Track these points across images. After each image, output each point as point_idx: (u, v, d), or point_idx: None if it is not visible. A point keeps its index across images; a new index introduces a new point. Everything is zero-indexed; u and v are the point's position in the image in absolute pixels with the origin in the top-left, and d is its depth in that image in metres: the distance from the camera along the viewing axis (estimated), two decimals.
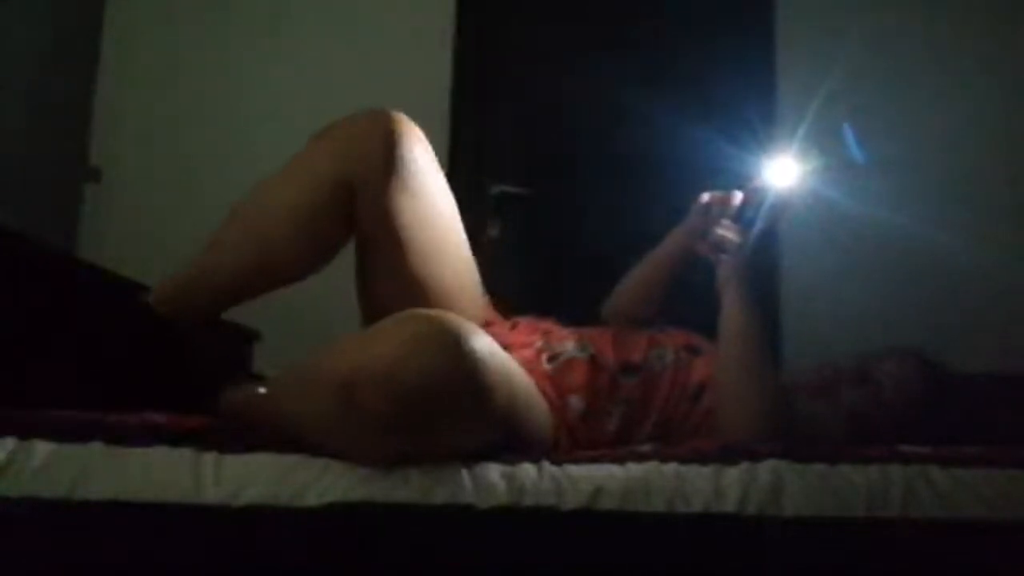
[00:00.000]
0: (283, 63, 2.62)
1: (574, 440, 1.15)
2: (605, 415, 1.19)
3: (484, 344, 0.91)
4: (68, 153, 2.51)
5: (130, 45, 2.62)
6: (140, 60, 2.62)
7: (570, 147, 2.61)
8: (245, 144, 2.57)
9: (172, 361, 1.21)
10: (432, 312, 0.95)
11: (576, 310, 1.47)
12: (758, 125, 2.22)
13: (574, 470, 0.94)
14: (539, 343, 1.25)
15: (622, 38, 2.63)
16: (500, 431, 0.97)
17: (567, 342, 1.25)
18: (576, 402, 1.18)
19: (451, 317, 0.92)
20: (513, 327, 1.31)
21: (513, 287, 2.51)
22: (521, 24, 2.70)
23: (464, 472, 0.91)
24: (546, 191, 2.56)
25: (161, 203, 2.53)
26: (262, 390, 0.99)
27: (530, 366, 1.17)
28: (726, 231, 1.24)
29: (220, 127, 2.59)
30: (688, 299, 1.33)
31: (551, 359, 1.22)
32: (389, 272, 1.18)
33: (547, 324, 1.32)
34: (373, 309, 1.22)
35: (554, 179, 2.59)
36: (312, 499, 0.88)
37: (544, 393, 1.15)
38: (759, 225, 1.23)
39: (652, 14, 2.64)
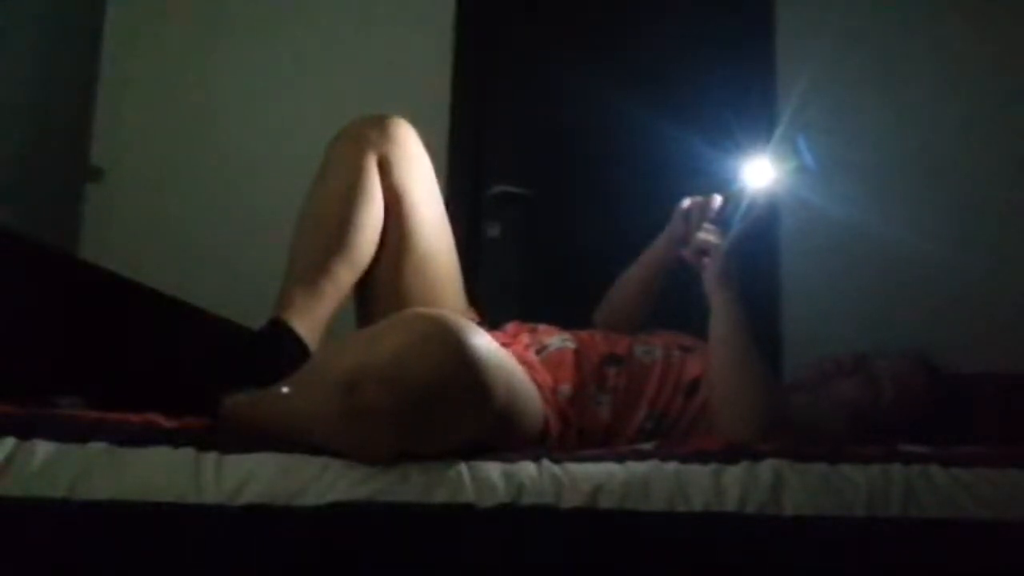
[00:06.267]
0: (284, 63, 2.62)
1: (565, 422, 1.18)
2: (594, 402, 1.23)
3: (484, 342, 0.92)
4: (69, 153, 2.52)
5: (131, 45, 2.62)
6: (141, 60, 2.62)
7: (569, 147, 2.61)
8: (246, 144, 2.57)
9: (173, 361, 1.21)
10: (434, 311, 0.96)
11: (575, 310, 1.48)
12: (757, 128, 2.22)
13: (574, 468, 0.94)
14: (527, 339, 1.31)
15: (622, 38, 2.63)
16: (498, 425, 0.99)
17: (553, 337, 1.31)
18: (564, 388, 1.21)
19: (452, 316, 0.93)
20: (503, 331, 1.35)
21: (512, 287, 2.52)
22: (521, 25, 2.70)
23: (464, 471, 0.91)
24: (546, 191, 2.56)
25: (163, 203, 2.53)
26: (285, 389, 0.99)
27: (520, 358, 1.21)
28: (707, 235, 1.25)
29: (221, 127, 2.59)
30: (685, 304, 1.34)
31: (539, 351, 1.27)
32: (394, 256, 1.28)
33: (532, 325, 1.38)
34: (369, 302, 1.31)
35: (554, 179, 2.59)
36: (312, 499, 0.88)
37: (534, 380, 1.18)
38: (737, 227, 1.24)
39: (652, 15, 2.64)
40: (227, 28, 2.65)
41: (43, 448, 0.87)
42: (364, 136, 1.26)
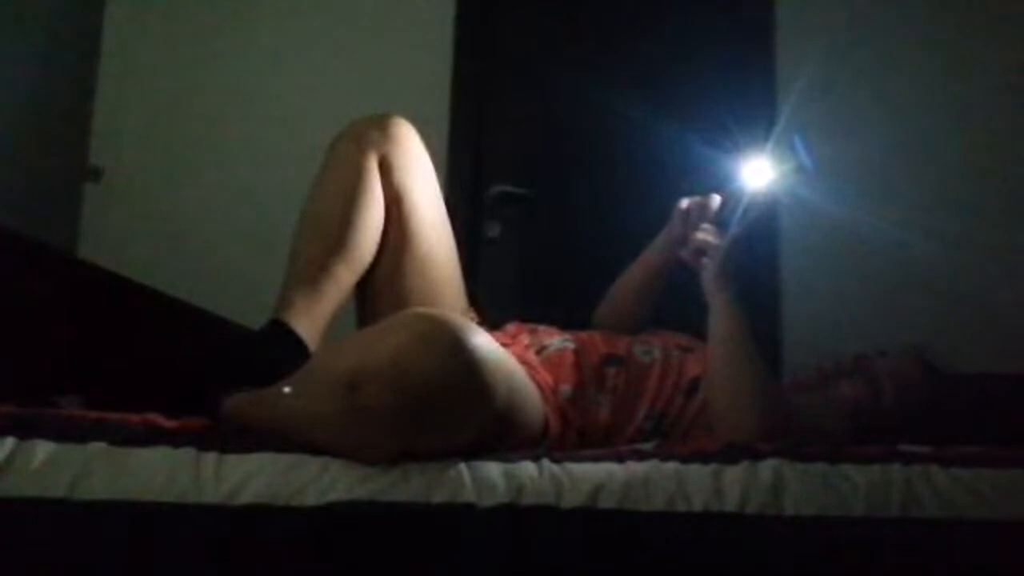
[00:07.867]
0: (283, 63, 2.62)
1: (565, 422, 1.18)
2: (594, 403, 1.22)
3: (484, 342, 0.92)
4: (68, 153, 2.52)
5: (131, 45, 2.62)
6: (140, 60, 2.62)
7: (569, 148, 2.61)
8: (245, 144, 2.57)
9: (174, 361, 1.21)
10: (435, 311, 0.96)
11: (575, 310, 1.48)
12: (756, 128, 2.22)
13: (574, 468, 0.94)
14: (527, 340, 1.31)
15: (622, 38, 2.63)
16: (499, 425, 0.99)
17: (554, 337, 1.31)
18: (565, 388, 1.21)
19: (453, 316, 0.93)
20: (503, 332, 1.36)
21: (512, 287, 2.52)
22: (520, 24, 2.70)
23: (464, 471, 0.91)
24: (546, 191, 2.56)
25: (161, 203, 2.54)
26: (286, 389, 0.99)
27: (520, 359, 1.21)
28: (706, 235, 1.25)
29: (220, 127, 2.59)
30: (685, 304, 1.34)
31: (539, 352, 1.27)
32: (394, 256, 1.28)
33: (532, 326, 1.38)
34: (369, 302, 1.31)
35: (554, 179, 2.59)
36: (312, 499, 0.88)
37: (535, 380, 1.18)
38: (735, 227, 1.24)
39: (652, 15, 2.64)
40: (227, 28, 2.65)
41: (43, 448, 0.86)
42: (365, 136, 1.26)
